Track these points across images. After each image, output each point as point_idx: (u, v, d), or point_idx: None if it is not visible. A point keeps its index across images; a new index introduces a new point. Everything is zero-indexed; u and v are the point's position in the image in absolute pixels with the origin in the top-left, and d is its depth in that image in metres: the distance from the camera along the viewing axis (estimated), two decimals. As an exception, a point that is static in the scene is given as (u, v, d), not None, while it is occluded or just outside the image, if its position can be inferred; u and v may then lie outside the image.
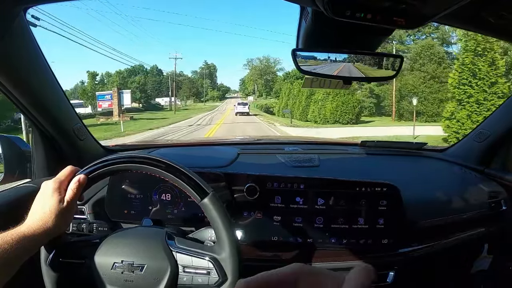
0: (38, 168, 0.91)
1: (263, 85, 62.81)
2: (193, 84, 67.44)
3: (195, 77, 75.19)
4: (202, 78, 73.55)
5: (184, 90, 62.06)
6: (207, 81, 72.73)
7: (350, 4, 0.47)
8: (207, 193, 0.58)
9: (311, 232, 0.84)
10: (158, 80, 55.81)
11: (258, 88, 64.33)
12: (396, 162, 1.19)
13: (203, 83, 70.97)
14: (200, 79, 72.98)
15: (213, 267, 0.56)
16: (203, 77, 73.94)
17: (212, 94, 72.41)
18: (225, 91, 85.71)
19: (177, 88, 52.50)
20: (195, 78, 74.09)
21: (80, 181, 0.56)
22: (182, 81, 63.64)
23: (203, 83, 70.68)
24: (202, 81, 71.48)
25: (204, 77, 74.04)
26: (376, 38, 0.64)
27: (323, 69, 0.65)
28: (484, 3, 0.55)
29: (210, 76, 76.53)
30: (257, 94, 64.17)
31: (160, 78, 56.99)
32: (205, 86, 70.61)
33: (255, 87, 65.39)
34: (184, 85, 63.61)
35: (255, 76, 66.27)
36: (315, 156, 1.11)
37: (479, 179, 1.07)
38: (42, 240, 0.52)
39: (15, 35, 0.64)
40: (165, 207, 0.90)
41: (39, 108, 0.81)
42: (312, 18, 0.59)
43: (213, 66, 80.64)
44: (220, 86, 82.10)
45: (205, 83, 70.93)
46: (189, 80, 66.91)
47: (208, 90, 71.75)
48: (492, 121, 1.09)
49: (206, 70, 76.35)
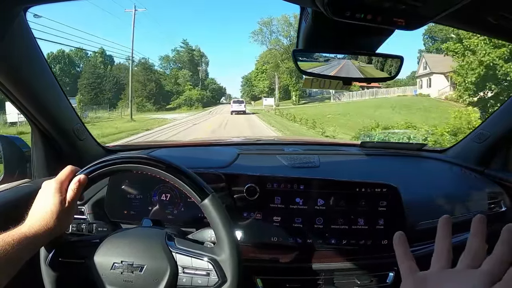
0: (38, 168, 0.91)
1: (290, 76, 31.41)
2: (154, 78, 39.00)
3: (164, 67, 46.05)
4: (180, 68, 45.77)
5: (136, 88, 32.82)
6: (185, 72, 43.96)
7: (350, 5, 0.47)
8: (207, 194, 0.58)
9: (311, 232, 0.84)
10: (96, 74, 36.87)
11: (281, 82, 34.39)
12: (396, 163, 1.19)
13: (178, 76, 43.36)
14: (175, 70, 45.03)
15: (213, 268, 0.56)
16: (183, 66, 45.86)
17: (192, 94, 41.43)
18: (218, 91, 54.58)
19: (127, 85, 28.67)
20: (165, 69, 45.76)
21: (81, 181, 0.56)
22: (136, 73, 33.44)
23: (178, 77, 43.12)
24: (178, 73, 43.68)
25: (183, 65, 45.94)
26: (376, 38, 0.64)
27: (323, 70, 0.65)
28: (484, 3, 0.55)
29: (192, 66, 47.21)
30: (278, 94, 35.03)
31: (104, 70, 38.37)
32: (183, 79, 42.83)
33: (275, 80, 34.65)
34: (138, 77, 34.42)
35: (276, 58, 34.63)
36: (315, 156, 1.11)
37: (479, 180, 1.07)
38: (42, 240, 0.52)
39: (15, 35, 0.64)
40: (164, 207, 0.90)
41: (39, 108, 0.81)
42: (312, 18, 0.59)
43: (199, 51, 49.73)
44: (209, 83, 50.59)
45: (182, 76, 43.00)
46: (150, 71, 39.44)
47: (186, 87, 42.17)
48: (492, 122, 1.09)
49: (186, 55, 46.95)
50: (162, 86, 40.75)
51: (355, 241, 0.83)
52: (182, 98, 41.11)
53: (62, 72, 37.96)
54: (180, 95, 41.71)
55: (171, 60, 47.63)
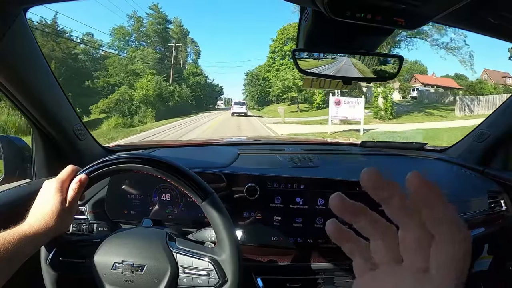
0: (38, 168, 0.91)
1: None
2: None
3: (120, 48, 27.73)
4: (138, 48, 27.06)
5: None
6: (146, 52, 26.15)
7: (350, 5, 0.47)
8: (208, 194, 0.58)
9: (311, 232, 0.84)
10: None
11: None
12: (396, 162, 1.19)
13: (135, 58, 25.01)
14: (132, 49, 26.97)
15: (213, 268, 0.56)
16: (150, 46, 28.32)
17: (148, 87, 20.49)
18: (208, 89, 35.31)
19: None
20: (120, 51, 26.92)
21: (81, 181, 0.56)
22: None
23: (134, 60, 24.80)
24: (135, 54, 25.56)
25: (150, 44, 28.70)
26: (376, 38, 0.64)
27: (323, 69, 0.65)
28: (484, 3, 0.55)
29: (164, 46, 29.97)
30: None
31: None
32: (142, 64, 24.50)
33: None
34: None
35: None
36: (315, 156, 1.11)
37: (479, 179, 1.07)
38: (43, 239, 0.52)
39: (15, 35, 0.64)
40: (165, 207, 0.90)
41: (39, 108, 0.81)
42: (312, 18, 0.59)
43: (180, 27, 32.25)
44: (190, 73, 31.58)
45: (140, 58, 24.92)
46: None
47: (144, 79, 21.51)
48: (492, 121, 1.09)
49: (155, 28, 29.15)
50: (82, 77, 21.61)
51: None
52: (105, 102, 19.43)
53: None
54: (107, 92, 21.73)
55: (126, 34, 28.11)
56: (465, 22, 0.64)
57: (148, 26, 29.93)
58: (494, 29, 0.65)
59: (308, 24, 0.62)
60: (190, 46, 35.53)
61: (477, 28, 0.68)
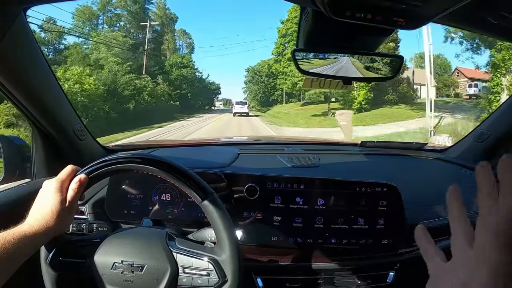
0: (38, 168, 0.91)
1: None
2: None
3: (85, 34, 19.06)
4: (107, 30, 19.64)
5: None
6: (112, 34, 19.06)
7: (350, 5, 0.47)
8: (207, 194, 0.58)
9: (311, 232, 0.84)
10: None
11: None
12: (396, 162, 1.19)
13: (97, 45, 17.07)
14: (95, 34, 19.62)
15: (213, 268, 0.56)
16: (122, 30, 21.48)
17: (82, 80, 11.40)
18: (202, 88, 29.04)
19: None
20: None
21: (81, 180, 0.56)
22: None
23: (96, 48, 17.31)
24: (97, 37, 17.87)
25: (122, 27, 21.74)
26: (376, 38, 0.64)
27: (323, 69, 0.65)
28: (484, 3, 0.55)
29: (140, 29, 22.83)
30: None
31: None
32: (104, 51, 17.14)
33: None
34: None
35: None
36: (315, 156, 1.11)
37: None
38: (43, 239, 0.52)
39: (15, 35, 0.64)
40: (165, 207, 0.90)
41: (39, 108, 0.81)
42: (312, 18, 0.59)
43: (164, 10, 26.13)
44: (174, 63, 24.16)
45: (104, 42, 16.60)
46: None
47: (75, 67, 13.30)
48: (493, 121, 1.09)
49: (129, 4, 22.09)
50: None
51: (355, 240, 0.83)
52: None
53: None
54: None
55: (92, 16, 21.85)
56: (465, 22, 0.64)
57: (117, 2, 22.30)
58: (494, 29, 0.65)
59: (308, 24, 0.62)
60: (181, 39, 28.89)
61: (477, 28, 0.68)
